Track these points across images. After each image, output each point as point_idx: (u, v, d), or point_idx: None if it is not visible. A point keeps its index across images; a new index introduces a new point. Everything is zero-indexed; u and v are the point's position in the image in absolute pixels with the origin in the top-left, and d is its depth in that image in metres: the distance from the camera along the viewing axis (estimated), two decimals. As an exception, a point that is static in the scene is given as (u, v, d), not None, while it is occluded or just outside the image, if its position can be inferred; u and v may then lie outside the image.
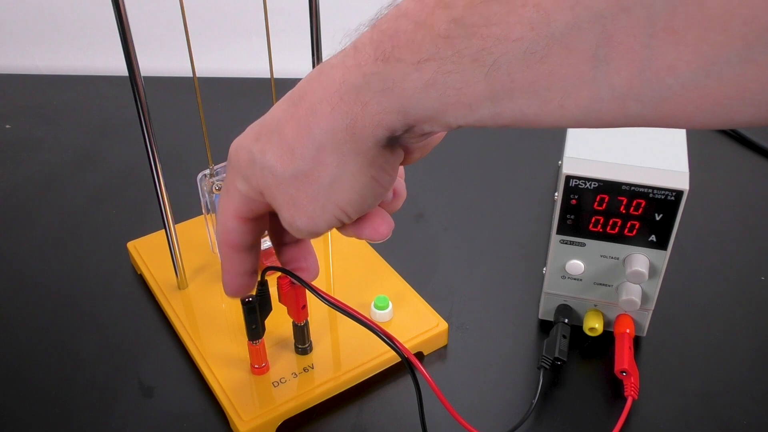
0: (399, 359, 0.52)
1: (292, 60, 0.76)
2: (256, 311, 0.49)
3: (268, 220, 0.44)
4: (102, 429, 0.52)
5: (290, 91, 0.37)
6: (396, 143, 0.35)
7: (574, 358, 0.57)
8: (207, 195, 0.56)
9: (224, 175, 0.56)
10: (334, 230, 0.40)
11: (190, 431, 0.52)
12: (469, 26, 0.29)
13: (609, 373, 0.54)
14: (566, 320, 0.56)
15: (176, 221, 0.57)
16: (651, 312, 0.55)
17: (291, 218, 0.38)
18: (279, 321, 0.54)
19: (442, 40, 0.29)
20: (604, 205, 0.51)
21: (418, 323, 0.57)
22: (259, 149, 0.37)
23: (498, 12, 0.28)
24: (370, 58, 0.32)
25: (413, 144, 0.37)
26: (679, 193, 0.49)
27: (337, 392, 0.53)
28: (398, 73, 0.31)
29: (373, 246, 0.64)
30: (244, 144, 0.38)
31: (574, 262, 0.54)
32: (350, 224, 0.40)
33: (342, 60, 0.34)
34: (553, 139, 0.69)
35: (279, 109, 0.37)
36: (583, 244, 0.53)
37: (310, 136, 0.35)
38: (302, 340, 0.54)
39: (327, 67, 0.35)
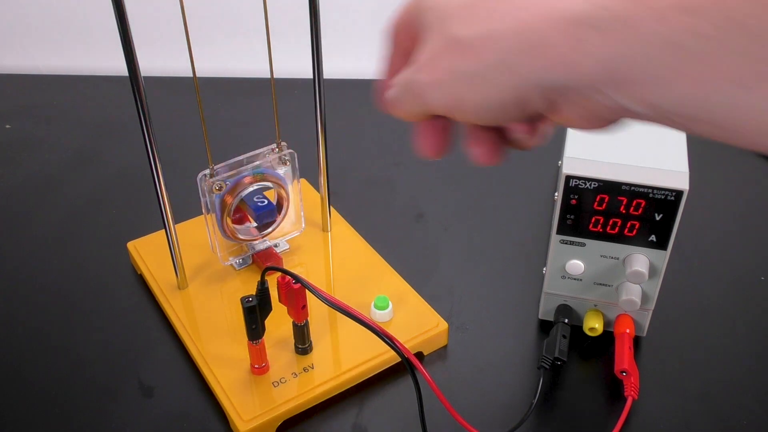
0: (399, 359, 0.52)
1: (292, 60, 0.76)
2: (256, 311, 0.49)
3: None
4: (102, 429, 0.52)
5: None
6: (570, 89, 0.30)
7: (574, 358, 0.57)
8: (207, 195, 0.56)
9: (224, 174, 0.56)
10: (334, 230, 0.40)
11: (190, 431, 0.52)
12: None
13: (609, 373, 0.54)
14: (566, 320, 0.56)
15: (176, 221, 0.57)
16: (651, 312, 0.55)
17: (417, 69, 0.35)
18: (279, 321, 0.54)
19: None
20: (604, 205, 0.51)
21: (418, 323, 0.57)
22: None
23: None
24: None
25: (586, 111, 0.31)
26: (679, 193, 0.49)
27: (337, 392, 0.53)
28: (635, 17, 0.27)
29: (373, 246, 0.64)
30: None
31: (574, 262, 0.54)
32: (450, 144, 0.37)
33: None
34: (553, 139, 0.69)
35: None
36: (583, 244, 0.53)
37: (495, 19, 0.31)
38: (302, 340, 0.54)
39: None
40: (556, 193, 0.53)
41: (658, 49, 0.26)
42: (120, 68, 0.48)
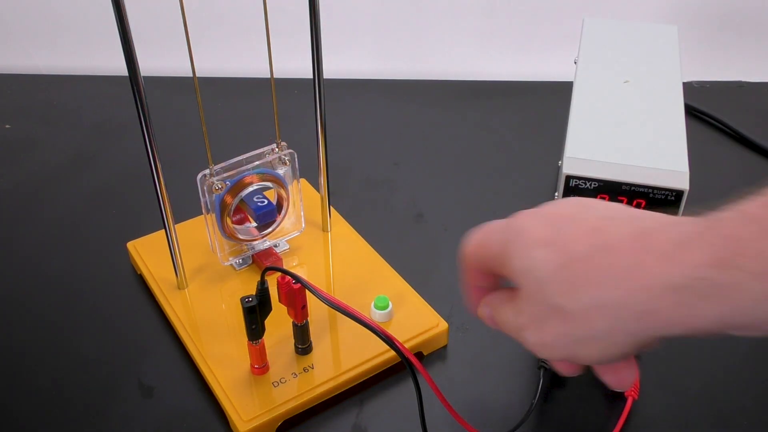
0: (399, 359, 0.52)
1: (292, 60, 0.76)
2: (256, 311, 0.49)
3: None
4: (102, 429, 0.52)
5: (594, 217, 0.35)
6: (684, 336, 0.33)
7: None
8: (207, 195, 0.56)
9: (224, 174, 0.56)
10: (334, 230, 0.40)
11: (190, 431, 0.52)
12: None
13: (609, 373, 0.54)
14: (566, 320, 0.56)
15: (176, 221, 0.57)
16: (651, 312, 0.55)
17: (523, 327, 0.37)
18: (279, 321, 0.54)
19: None
20: (604, 205, 0.51)
21: (418, 323, 0.57)
22: (542, 257, 0.35)
23: None
24: (701, 261, 0.30)
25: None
26: (679, 193, 0.49)
27: (337, 392, 0.53)
28: (734, 283, 0.29)
29: (373, 246, 0.64)
30: (532, 234, 0.36)
31: (574, 262, 0.54)
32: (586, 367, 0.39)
33: (666, 250, 0.31)
34: (553, 139, 0.69)
35: (579, 237, 0.35)
36: (583, 244, 0.53)
37: (597, 291, 0.33)
38: (302, 340, 0.54)
39: (648, 244, 0.32)
40: (556, 193, 0.52)
41: (764, 302, 0.29)
42: (120, 68, 0.48)
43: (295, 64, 0.76)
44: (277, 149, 0.59)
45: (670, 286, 0.31)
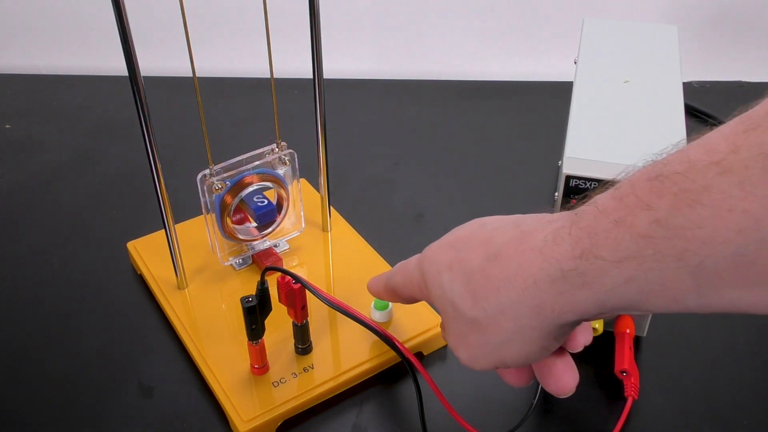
0: (399, 359, 0.52)
1: (292, 60, 0.76)
2: (256, 311, 0.49)
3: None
4: (102, 429, 0.52)
5: (487, 230, 0.39)
6: (580, 321, 0.36)
7: (575, 358, 0.57)
8: (207, 195, 0.56)
9: (224, 174, 0.56)
10: (334, 230, 0.41)
11: (190, 431, 0.52)
12: (672, 228, 0.29)
13: (609, 373, 0.54)
14: (566, 320, 0.56)
15: (176, 221, 0.57)
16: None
17: (454, 347, 0.41)
18: (279, 321, 0.54)
19: (644, 240, 0.30)
20: (604, 205, 0.51)
21: (418, 323, 0.57)
22: (449, 279, 0.40)
23: (703, 215, 0.28)
24: (568, 253, 0.33)
25: (600, 318, 0.37)
26: (679, 193, 0.49)
27: (337, 392, 0.53)
28: (597, 270, 0.32)
29: (373, 246, 0.64)
30: (438, 261, 0.41)
31: (574, 262, 0.54)
32: (533, 375, 0.42)
33: (541, 246, 0.35)
34: (553, 139, 0.69)
35: (474, 250, 0.39)
36: (583, 244, 0.53)
37: (495, 297, 0.37)
38: (302, 340, 0.54)
39: (527, 245, 0.35)
40: (556, 193, 0.53)
41: (628, 284, 0.31)
42: (120, 68, 0.48)
43: (295, 64, 0.76)
44: (277, 149, 0.59)
45: (549, 279, 0.34)
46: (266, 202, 0.59)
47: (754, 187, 0.26)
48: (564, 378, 0.40)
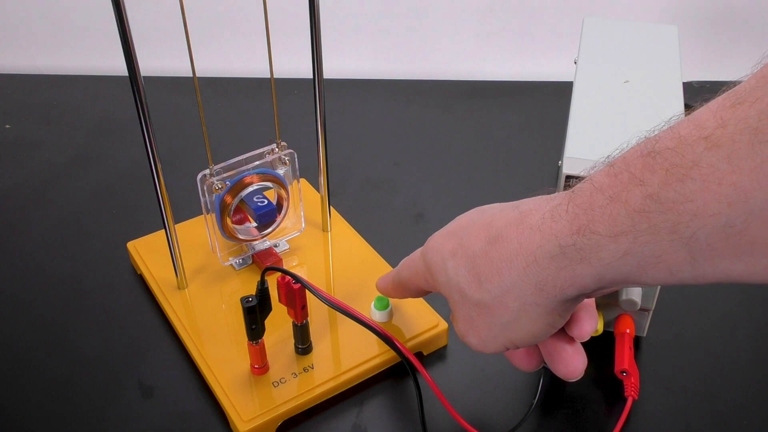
0: (399, 359, 0.52)
1: (292, 60, 0.76)
2: (256, 311, 0.49)
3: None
4: (102, 429, 0.52)
5: (488, 215, 0.40)
6: (582, 297, 0.37)
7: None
8: (207, 195, 0.56)
9: (224, 174, 0.56)
10: (334, 230, 0.41)
11: (190, 431, 0.52)
12: (664, 202, 0.30)
13: (609, 373, 0.54)
14: (566, 320, 0.56)
15: (176, 221, 0.57)
16: (651, 312, 0.55)
17: (464, 333, 0.42)
18: (279, 321, 0.54)
19: (638, 215, 0.31)
20: (604, 205, 0.51)
21: (418, 323, 0.57)
22: (453, 266, 0.41)
23: (694, 189, 0.28)
24: (566, 230, 0.34)
25: (600, 294, 0.38)
26: (679, 193, 0.49)
27: (337, 392, 0.53)
28: (594, 245, 0.33)
29: (373, 246, 0.64)
30: (441, 250, 0.42)
31: (574, 262, 0.54)
32: (542, 359, 0.44)
33: (539, 224, 0.36)
34: (553, 139, 0.69)
35: (476, 235, 0.40)
36: (583, 244, 0.53)
37: (499, 278, 0.38)
38: (302, 340, 0.54)
39: (526, 225, 0.36)
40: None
41: (624, 258, 0.32)
42: (120, 68, 0.48)
43: (295, 64, 0.76)
44: (277, 149, 0.59)
45: (548, 256, 0.35)
46: (266, 202, 0.59)
47: (741, 160, 0.27)
48: (574, 362, 0.42)
